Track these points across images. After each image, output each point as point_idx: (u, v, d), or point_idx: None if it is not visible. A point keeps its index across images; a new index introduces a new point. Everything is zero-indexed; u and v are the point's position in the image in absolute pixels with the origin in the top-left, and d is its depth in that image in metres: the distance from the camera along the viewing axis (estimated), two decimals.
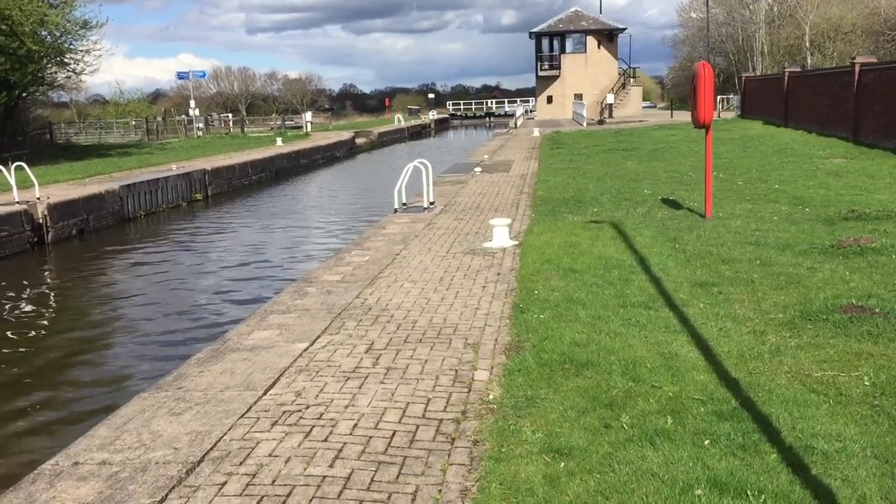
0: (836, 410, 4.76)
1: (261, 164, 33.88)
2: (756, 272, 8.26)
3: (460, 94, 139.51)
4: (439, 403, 5.28)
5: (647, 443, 4.43)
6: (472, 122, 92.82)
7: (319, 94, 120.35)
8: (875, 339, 5.97)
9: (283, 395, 5.57)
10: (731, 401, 4.96)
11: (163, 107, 78.80)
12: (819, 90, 26.67)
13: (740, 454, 4.24)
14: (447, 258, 10.13)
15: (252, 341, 6.88)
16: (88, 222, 20.54)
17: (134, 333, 11.50)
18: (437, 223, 13.11)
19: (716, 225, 11.16)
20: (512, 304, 7.61)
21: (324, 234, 20.00)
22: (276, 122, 69.12)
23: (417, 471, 4.34)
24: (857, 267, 8.23)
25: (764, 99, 35.77)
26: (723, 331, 6.39)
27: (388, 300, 8.11)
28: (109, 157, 34.04)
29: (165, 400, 5.55)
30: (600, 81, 58.54)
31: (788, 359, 5.68)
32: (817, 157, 19.34)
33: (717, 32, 69.01)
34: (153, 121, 56.31)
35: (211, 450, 4.70)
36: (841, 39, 57.68)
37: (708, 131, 12.04)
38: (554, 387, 5.37)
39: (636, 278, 8.28)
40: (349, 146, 50.51)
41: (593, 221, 12.03)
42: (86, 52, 37.42)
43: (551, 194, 15.63)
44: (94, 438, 4.95)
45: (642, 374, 5.48)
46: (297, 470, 4.41)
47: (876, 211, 11.31)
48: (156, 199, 24.40)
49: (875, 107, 21.20)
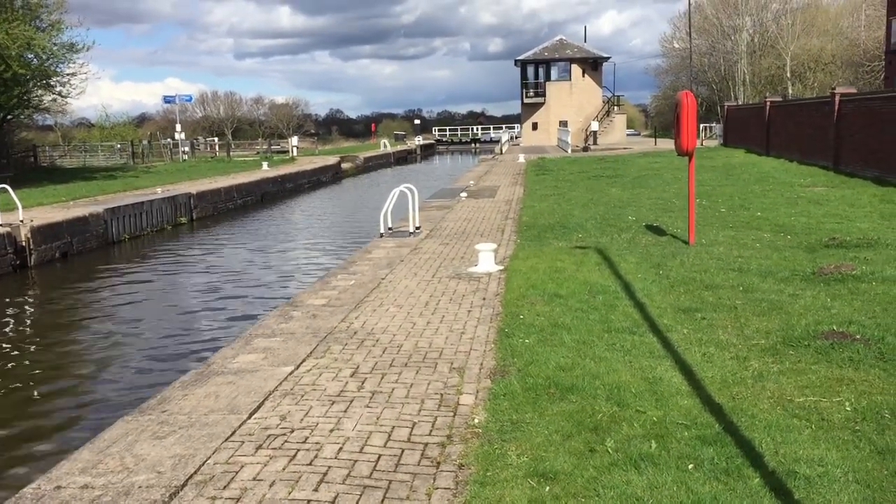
0: (818, 436, 4.80)
1: (246, 189, 33.88)
2: (739, 298, 8.33)
3: (446, 120, 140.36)
4: (425, 427, 5.28)
5: (631, 467, 4.45)
6: (457, 148, 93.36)
7: (306, 118, 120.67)
8: (856, 366, 6.04)
9: (268, 418, 5.56)
10: (714, 425, 4.99)
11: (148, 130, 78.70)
12: (800, 120, 27.04)
13: (724, 479, 4.27)
14: (433, 283, 10.16)
15: (237, 365, 6.86)
16: (72, 245, 20.43)
17: (118, 356, 11.42)
18: (423, 248, 13.14)
19: (699, 251, 11.26)
20: (497, 329, 7.64)
21: (309, 257, 19.97)
22: (262, 146, 69.16)
23: (402, 495, 4.33)
24: (839, 294, 8.32)
25: (746, 128, 36.20)
26: (706, 356, 6.44)
27: (374, 324, 8.12)
28: (94, 181, 33.92)
29: (149, 423, 5.52)
30: (585, 109, 59.08)
31: (771, 384, 5.73)
32: (799, 186, 19.57)
33: (700, 62, 69.97)
34: (139, 144, 56.20)
35: (194, 474, 4.67)
36: (821, 70, 58.64)
37: (691, 159, 12.18)
38: (539, 411, 5.38)
39: (620, 304, 8.34)
40: (335, 171, 50.61)
41: (578, 247, 12.10)
42: (72, 76, 37.43)
43: (536, 220, 15.72)
44: (77, 462, 4.91)
45: (627, 399, 5.50)
46: (282, 494, 4.39)
47: (856, 239, 11.46)
48: (140, 222, 24.32)
49: (855, 137, 21.52)
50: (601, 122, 57.33)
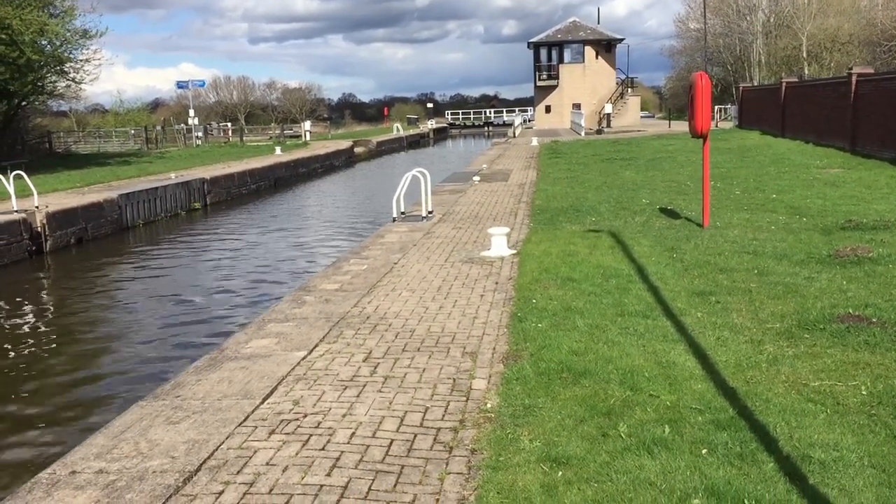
0: (834, 420, 4.76)
1: (259, 173, 33.91)
2: (753, 281, 8.27)
3: (459, 103, 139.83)
4: (437, 412, 5.28)
5: (644, 452, 4.44)
6: (470, 132, 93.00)
7: (318, 103, 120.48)
8: (872, 349, 5.98)
9: (281, 403, 5.57)
10: (728, 410, 4.96)
11: (162, 116, 78.92)
12: (816, 100, 26.75)
13: (738, 463, 4.25)
14: (445, 267, 10.14)
15: (250, 350, 6.88)
16: (87, 231, 20.54)
17: (132, 342, 11.49)
18: (436, 232, 13.12)
19: (713, 234, 11.18)
20: (510, 313, 7.62)
21: (322, 242, 20.00)
22: (274, 131, 69.15)
23: (415, 479, 4.34)
24: (855, 276, 8.24)
25: (761, 109, 35.87)
26: (720, 340, 6.40)
27: (387, 309, 8.12)
28: (108, 166, 34.06)
29: (163, 408, 5.55)
30: (598, 91, 58.68)
31: (786, 368, 5.69)
32: (814, 167, 19.39)
33: (715, 43, 69.23)
34: (152, 130, 56.36)
35: (208, 458, 4.70)
36: (838, 50, 57.89)
37: (705, 141, 12.07)
38: (552, 395, 5.37)
39: (634, 287, 8.29)
40: (348, 155, 50.58)
41: (591, 230, 12.04)
42: (85, 62, 37.50)
43: (549, 203, 15.65)
44: (92, 447, 4.95)
45: (640, 383, 5.48)
46: (295, 479, 4.40)
47: (873, 221, 11.34)
48: (154, 207, 24.41)
49: (872, 117, 21.27)
50: (615, 105, 56.94)
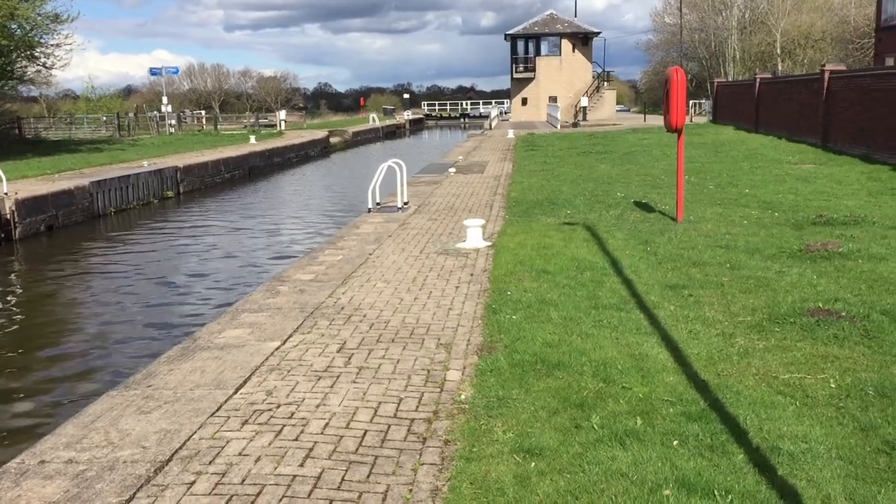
0: (803, 412, 4.83)
1: (234, 162, 33.64)
2: (726, 275, 8.35)
3: (436, 94, 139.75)
4: (411, 403, 5.28)
5: (616, 443, 4.47)
6: (446, 123, 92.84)
7: (294, 92, 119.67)
8: (841, 343, 6.07)
9: (254, 393, 5.54)
10: (699, 402, 5.01)
11: (135, 103, 77.97)
12: (789, 97, 27.03)
13: (708, 455, 4.29)
14: (420, 258, 10.13)
15: (223, 340, 6.83)
16: (57, 218, 20.26)
17: (102, 331, 11.36)
18: (411, 223, 13.10)
19: (687, 228, 11.27)
20: (485, 305, 7.63)
21: (297, 232, 19.90)
22: (249, 120, 68.57)
23: (388, 470, 4.34)
24: (825, 271, 8.35)
25: (735, 104, 36.17)
26: (692, 333, 6.45)
27: (361, 300, 8.10)
28: (80, 153, 33.57)
29: (134, 398, 5.50)
30: (575, 84, 58.84)
31: (756, 361, 5.75)
32: (787, 163, 19.60)
33: (691, 38, 69.73)
34: (125, 117, 55.63)
35: (180, 449, 4.66)
36: (811, 47, 58.55)
37: (680, 135, 12.15)
38: (525, 387, 5.39)
39: (608, 280, 8.34)
40: (323, 145, 50.30)
41: (566, 223, 12.09)
42: (56, 47, 36.88)
43: (525, 196, 15.68)
44: (61, 437, 4.89)
45: (613, 376, 5.52)
46: (268, 469, 4.38)
47: (843, 216, 11.49)
48: (126, 195, 24.12)
49: (843, 114, 21.54)
50: (591, 98, 57.16)
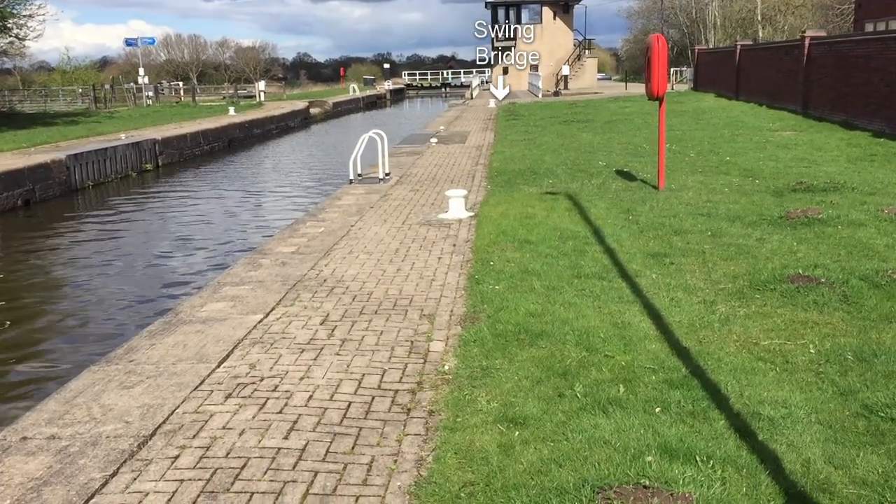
0: (783, 378, 4.88)
1: (213, 134, 33.29)
2: (707, 243, 8.39)
3: (416, 64, 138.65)
4: (395, 374, 5.29)
5: (599, 411, 4.50)
6: (428, 93, 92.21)
7: (273, 63, 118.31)
8: (820, 309, 6.13)
9: (237, 367, 5.52)
10: (681, 369, 5.05)
11: (111, 74, 76.80)
12: (770, 63, 27.03)
13: (690, 421, 4.33)
14: (403, 229, 10.10)
15: (205, 313, 6.80)
16: (34, 193, 19.99)
17: (83, 305, 11.28)
18: (393, 194, 13.05)
19: (668, 196, 11.29)
20: (468, 276, 7.63)
21: (278, 204, 19.77)
22: (228, 91, 67.81)
23: (373, 441, 4.35)
24: (805, 238, 8.41)
25: (716, 72, 36.15)
26: (674, 301, 6.49)
27: (344, 272, 8.07)
28: (55, 126, 33.08)
29: (116, 373, 5.47)
30: (556, 53, 58.57)
31: (737, 328, 5.80)
32: (768, 130, 19.66)
33: (671, 4, 69.44)
34: (101, 89, 54.82)
35: (163, 423, 4.64)
36: (792, 13, 58.51)
37: (661, 103, 12.13)
38: (509, 357, 5.41)
39: (590, 249, 8.36)
40: (303, 116, 49.89)
41: (549, 193, 12.08)
42: (29, 17, 36.21)
43: (507, 166, 15.64)
44: (43, 413, 4.86)
45: (595, 344, 5.54)
46: (252, 442, 4.38)
47: (823, 183, 11.55)
48: (104, 169, 23.83)
49: (823, 80, 21.58)
50: (572, 67, 56.95)
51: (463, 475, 3.92)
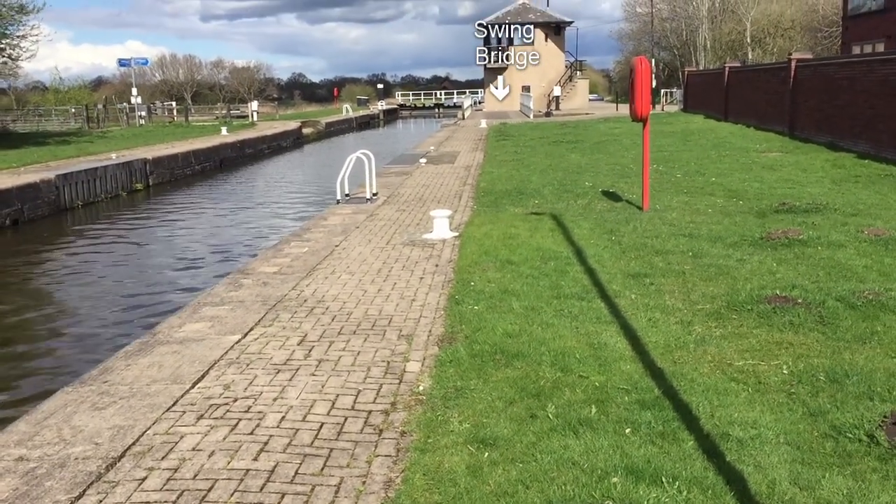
0: (754, 398, 4.89)
1: (205, 154, 33.33)
2: (688, 264, 8.42)
3: (410, 84, 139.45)
4: (369, 395, 5.28)
5: (570, 432, 4.50)
6: (421, 113, 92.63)
7: (268, 83, 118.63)
8: (796, 329, 6.15)
9: (211, 388, 5.51)
10: (654, 390, 5.06)
11: (104, 94, 76.93)
12: (758, 85, 27.25)
13: (659, 442, 4.33)
14: (386, 249, 10.11)
15: (183, 334, 6.78)
16: (23, 212, 19.98)
17: (64, 325, 11.23)
18: (379, 214, 13.07)
19: (652, 217, 11.34)
20: (448, 296, 7.64)
21: (265, 224, 19.77)
22: (221, 111, 67.94)
23: (343, 463, 4.34)
24: (784, 258, 8.45)
25: (705, 93, 36.41)
26: (652, 321, 6.50)
27: (325, 292, 8.07)
28: (47, 146, 33.07)
29: (89, 394, 5.44)
30: (547, 74, 58.91)
31: (712, 348, 5.81)
32: (754, 151, 19.78)
33: (662, 27, 70.02)
34: (94, 108, 54.86)
35: (133, 445, 4.62)
36: (781, 35, 59.02)
37: (645, 125, 12.21)
38: (484, 378, 5.41)
39: (572, 270, 8.38)
40: (296, 136, 49.99)
41: (534, 213, 12.12)
42: (22, 38, 36.29)
43: (494, 186, 15.70)
44: (12, 434, 4.84)
45: (571, 365, 5.55)
46: (221, 464, 4.37)
47: (806, 204, 11.62)
48: (94, 188, 23.82)
49: (809, 102, 21.76)
50: (564, 88, 57.29)
51: (430, 497, 3.91)
